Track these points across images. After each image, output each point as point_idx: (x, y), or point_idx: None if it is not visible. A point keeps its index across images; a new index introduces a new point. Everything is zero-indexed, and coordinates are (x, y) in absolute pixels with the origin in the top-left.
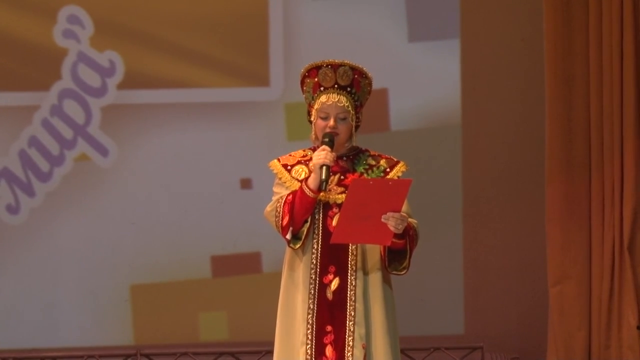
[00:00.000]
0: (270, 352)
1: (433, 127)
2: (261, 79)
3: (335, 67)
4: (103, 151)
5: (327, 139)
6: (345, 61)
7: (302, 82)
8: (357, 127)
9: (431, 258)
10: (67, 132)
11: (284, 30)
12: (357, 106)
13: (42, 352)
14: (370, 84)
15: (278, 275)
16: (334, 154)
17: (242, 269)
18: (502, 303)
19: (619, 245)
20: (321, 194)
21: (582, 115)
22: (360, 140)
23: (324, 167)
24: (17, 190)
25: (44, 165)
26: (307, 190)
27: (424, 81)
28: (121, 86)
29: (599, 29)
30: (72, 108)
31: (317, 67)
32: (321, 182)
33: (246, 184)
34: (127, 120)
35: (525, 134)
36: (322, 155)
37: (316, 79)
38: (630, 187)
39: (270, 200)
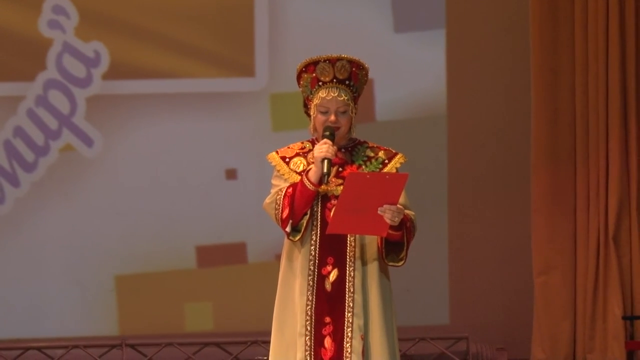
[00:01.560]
0: (255, 343)
1: (419, 117)
2: (246, 70)
3: (333, 61)
4: (88, 141)
5: (328, 133)
6: (343, 55)
7: (299, 77)
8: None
9: (416, 249)
10: (52, 123)
11: (270, 21)
12: (355, 97)
13: (27, 342)
14: (366, 74)
15: (263, 266)
16: (335, 147)
17: (227, 260)
18: (487, 293)
19: (604, 235)
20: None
21: (568, 106)
22: None
23: (326, 161)
24: (1, 181)
25: (29, 156)
26: (307, 183)
27: (409, 72)
28: (106, 76)
29: (585, 19)
30: (57, 98)
31: (315, 63)
32: (323, 175)
33: (231, 174)
34: (112, 110)
35: (511, 124)
36: (324, 148)
37: (314, 74)
38: (615, 178)
39: (263, 192)
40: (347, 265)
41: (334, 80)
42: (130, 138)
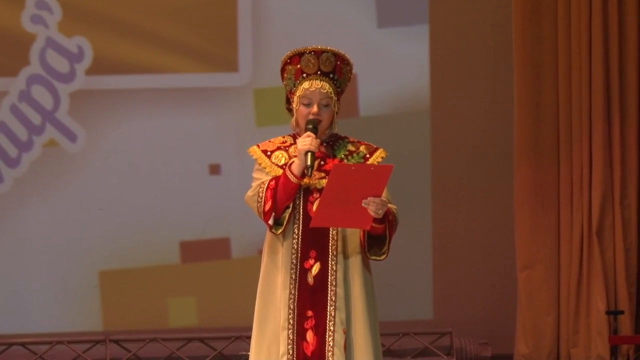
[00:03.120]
0: (239, 338)
1: (402, 112)
2: (230, 65)
3: (318, 53)
4: (71, 137)
5: (311, 126)
6: (328, 47)
7: (283, 69)
8: (336, 113)
9: (400, 243)
10: (36, 118)
11: (253, 16)
12: (339, 92)
13: (11, 338)
14: (351, 71)
15: (247, 261)
16: (318, 140)
17: (211, 255)
18: (470, 288)
19: (588, 230)
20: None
21: (551, 100)
22: None
23: (309, 154)
24: None
25: (12, 151)
26: (290, 176)
27: (393, 67)
28: (89, 72)
29: (568, 14)
30: (40, 94)
31: (300, 54)
32: (306, 168)
33: (215, 169)
34: (95, 106)
35: (494, 119)
36: (307, 141)
37: (298, 66)
38: (598, 173)
39: (247, 187)
40: (330, 259)
41: (318, 72)
42: (113, 133)
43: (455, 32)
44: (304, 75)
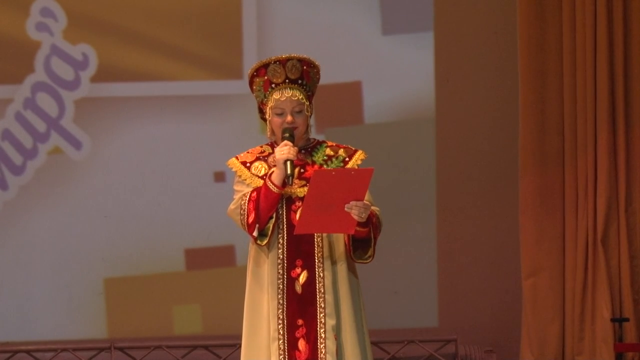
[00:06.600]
0: None
1: (407, 120)
2: (235, 72)
3: (283, 62)
4: (76, 144)
5: (287, 134)
6: (292, 54)
7: (251, 82)
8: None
9: (405, 251)
10: (41, 126)
11: (258, 23)
12: (309, 96)
13: (16, 346)
14: (318, 72)
15: None
16: (296, 148)
17: (216, 262)
18: (476, 295)
19: (593, 237)
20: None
21: (556, 108)
22: (334, 134)
23: (289, 162)
24: None
25: (17, 159)
26: (271, 186)
27: (398, 74)
28: (94, 79)
29: (573, 21)
30: (45, 101)
31: (265, 65)
32: (287, 177)
33: (220, 177)
34: (100, 113)
35: (499, 126)
36: (285, 150)
37: (266, 77)
38: (603, 180)
39: (232, 199)
40: (316, 266)
41: (287, 80)
42: (118, 141)
43: (460, 39)
44: (273, 85)
